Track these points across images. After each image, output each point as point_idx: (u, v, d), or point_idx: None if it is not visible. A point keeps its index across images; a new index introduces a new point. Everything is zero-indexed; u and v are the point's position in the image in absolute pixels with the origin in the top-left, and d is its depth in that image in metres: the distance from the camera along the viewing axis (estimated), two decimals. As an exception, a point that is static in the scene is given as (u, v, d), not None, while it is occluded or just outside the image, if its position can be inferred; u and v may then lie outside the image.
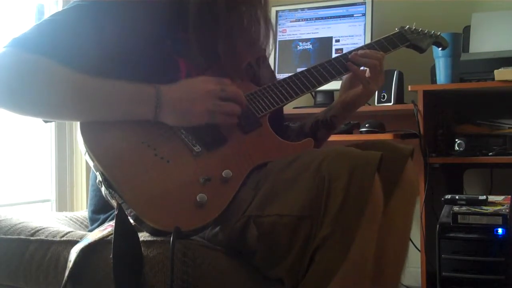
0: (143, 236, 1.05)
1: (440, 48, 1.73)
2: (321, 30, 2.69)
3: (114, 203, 1.04)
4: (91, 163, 1.08)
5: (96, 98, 1.10)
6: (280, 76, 1.44)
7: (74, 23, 1.12)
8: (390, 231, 1.17)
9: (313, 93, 2.70)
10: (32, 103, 1.08)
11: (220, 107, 1.16)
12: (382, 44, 1.47)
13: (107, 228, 1.11)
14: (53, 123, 2.34)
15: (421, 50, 1.57)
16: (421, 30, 1.59)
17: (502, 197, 2.16)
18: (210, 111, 1.15)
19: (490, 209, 2.04)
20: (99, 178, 1.06)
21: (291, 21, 2.72)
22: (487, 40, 2.45)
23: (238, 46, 1.28)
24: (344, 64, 1.39)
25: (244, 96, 1.22)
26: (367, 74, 1.40)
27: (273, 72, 1.51)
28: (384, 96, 2.45)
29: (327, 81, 1.36)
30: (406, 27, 1.56)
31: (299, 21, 2.73)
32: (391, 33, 1.52)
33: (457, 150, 2.28)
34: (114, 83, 1.11)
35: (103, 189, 1.06)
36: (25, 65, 1.06)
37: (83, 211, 1.50)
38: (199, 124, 1.15)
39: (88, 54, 1.12)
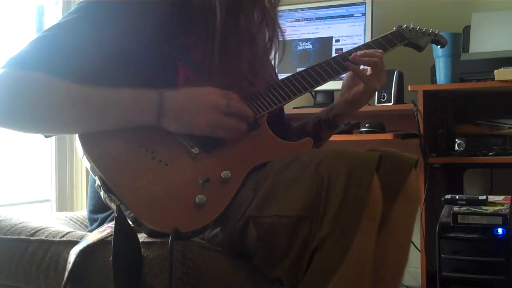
0: (143, 237, 1.05)
1: (439, 46, 1.73)
2: (321, 30, 2.69)
3: (113, 206, 1.04)
4: (89, 167, 1.08)
5: (96, 109, 1.09)
6: (280, 76, 1.44)
7: (71, 33, 1.12)
8: (391, 238, 1.17)
9: (313, 93, 2.70)
10: (32, 120, 1.08)
11: (223, 122, 1.15)
12: (380, 43, 1.47)
13: (106, 229, 1.11)
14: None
15: (419, 48, 1.57)
16: (419, 28, 1.59)
17: (502, 197, 2.16)
18: (212, 125, 1.14)
19: (490, 209, 2.04)
20: (97, 182, 1.06)
21: (291, 21, 2.73)
22: (487, 40, 2.45)
23: (250, 52, 1.28)
24: (342, 64, 1.39)
25: (244, 97, 1.22)
26: (368, 72, 1.40)
27: (276, 74, 1.50)
28: (384, 96, 2.45)
29: (325, 81, 1.36)
30: (404, 26, 1.56)
31: (299, 21, 2.73)
32: (389, 32, 1.52)
33: (457, 150, 2.28)
34: (114, 92, 1.10)
35: (101, 193, 1.06)
36: (22, 83, 1.06)
37: (83, 211, 1.50)
38: (200, 134, 1.14)
39: (87, 62, 1.11)
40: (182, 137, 1.14)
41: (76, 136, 1.09)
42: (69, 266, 1.06)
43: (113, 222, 1.02)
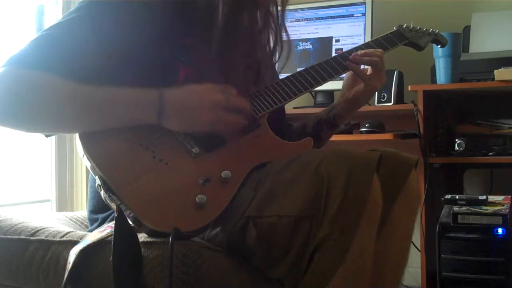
0: (143, 237, 1.05)
1: (439, 46, 1.73)
2: (321, 30, 2.69)
3: (113, 206, 1.04)
4: (89, 166, 1.08)
5: (96, 108, 1.09)
6: (280, 76, 1.44)
7: (72, 32, 1.12)
8: (391, 238, 1.17)
9: (313, 93, 2.70)
10: (32, 119, 1.08)
11: (223, 117, 1.15)
12: (380, 43, 1.47)
13: (106, 229, 1.11)
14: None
15: (419, 48, 1.57)
16: (419, 28, 1.59)
17: (502, 197, 2.16)
18: (213, 122, 1.14)
19: (490, 209, 2.04)
20: (98, 182, 1.06)
21: (291, 21, 2.72)
22: (487, 40, 2.45)
23: (251, 52, 1.28)
24: (342, 64, 1.39)
25: (244, 97, 1.22)
26: (369, 72, 1.40)
27: (276, 73, 1.50)
28: (384, 96, 2.45)
29: (325, 80, 1.36)
30: (404, 25, 1.56)
31: (299, 21, 2.73)
32: (389, 32, 1.52)
33: (457, 150, 2.28)
34: (115, 91, 1.10)
35: (102, 192, 1.06)
36: (23, 82, 1.06)
37: (83, 211, 1.50)
38: (201, 132, 1.15)
39: (88, 61, 1.11)
40: (182, 136, 1.14)
41: (77, 135, 1.09)
42: (69, 266, 1.07)
43: (113, 222, 1.02)
